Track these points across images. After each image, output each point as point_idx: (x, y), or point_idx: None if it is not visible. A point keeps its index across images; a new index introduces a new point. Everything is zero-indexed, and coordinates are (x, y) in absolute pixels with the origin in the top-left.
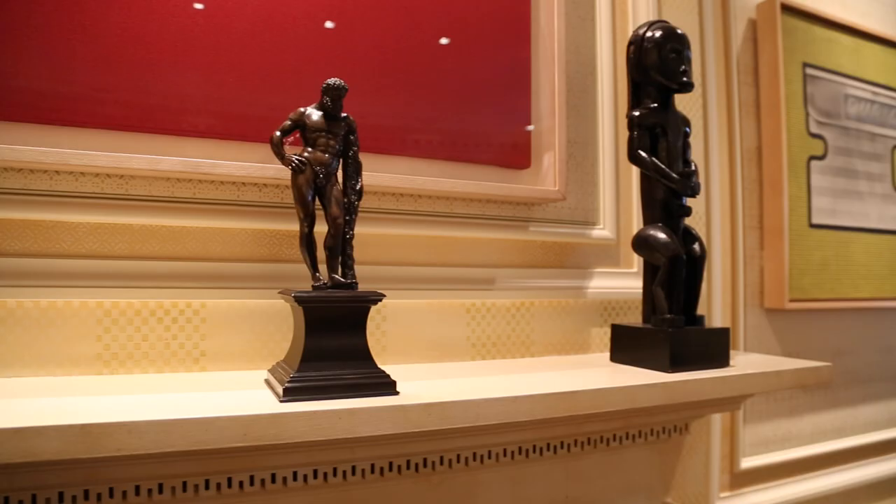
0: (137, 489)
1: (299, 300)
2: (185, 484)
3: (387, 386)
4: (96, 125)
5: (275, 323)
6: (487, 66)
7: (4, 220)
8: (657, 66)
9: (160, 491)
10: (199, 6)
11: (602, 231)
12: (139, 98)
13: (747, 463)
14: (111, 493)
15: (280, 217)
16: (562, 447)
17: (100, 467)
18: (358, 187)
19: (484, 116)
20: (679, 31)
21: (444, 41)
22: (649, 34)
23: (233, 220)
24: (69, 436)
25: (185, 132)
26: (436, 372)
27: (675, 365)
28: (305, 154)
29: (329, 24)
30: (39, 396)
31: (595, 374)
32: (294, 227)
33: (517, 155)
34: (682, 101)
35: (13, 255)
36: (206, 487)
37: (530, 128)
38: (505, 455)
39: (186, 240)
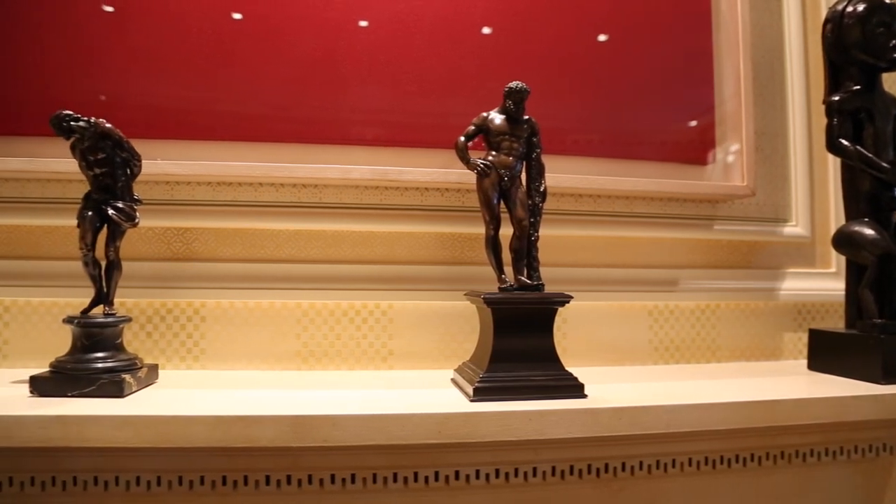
0: (333, 478)
1: (488, 301)
2: (374, 476)
3: (575, 388)
4: (289, 140)
5: (457, 324)
6: (664, 58)
7: (217, 229)
8: (860, 43)
9: (353, 481)
10: (379, 24)
11: (795, 228)
12: (328, 113)
13: None
14: (310, 479)
15: (462, 220)
16: (752, 460)
17: (302, 455)
18: (542, 189)
19: (661, 111)
20: (887, 1)
21: (615, 37)
22: (850, 9)
23: (417, 225)
24: (282, 426)
25: (370, 142)
26: (618, 375)
27: (889, 375)
28: (490, 158)
29: (493, 31)
30: (251, 388)
31: (793, 382)
32: (475, 229)
33: (699, 149)
34: (886, 80)
35: (225, 260)
36: (395, 480)
37: (708, 121)
38: (690, 465)
39: (374, 244)
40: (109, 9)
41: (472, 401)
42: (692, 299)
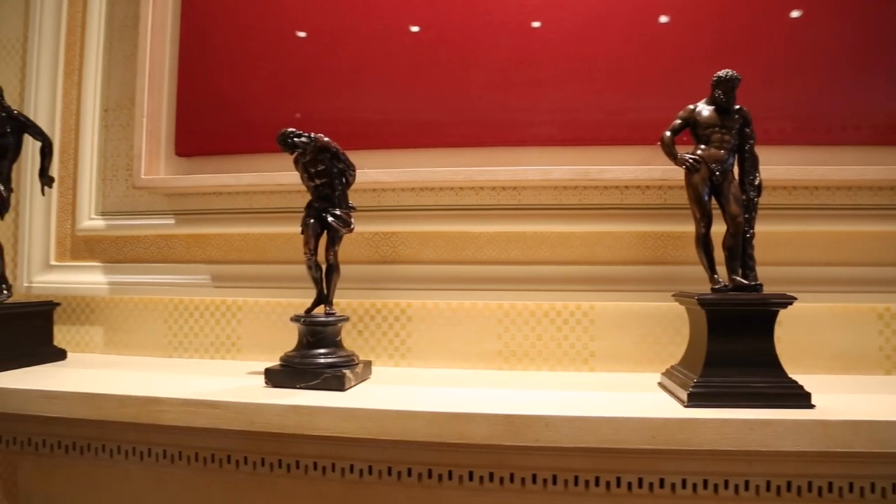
0: (535, 477)
1: (702, 303)
2: (576, 478)
3: (801, 398)
4: (487, 143)
5: (661, 325)
6: (875, 28)
7: (421, 232)
8: None
9: (554, 482)
10: (572, 23)
11: None
12: (525, 115)
13: None
14: (511, 478)
15: (664, 218)
16: None
17: (508, 454)
18: (756, 182)
19: (871, 88)
20: None
21: (812, 12)
22: None
23: (617, 224)
24: (495, 424)
25: (567, 142)
26: (845, 385)
27: None
28: (699, 151)
29: (684, 21)
30: (458, 386)
31: None
32: (678, 227)
33: None
34: None
35: (429, 262)
36: (597, 484)
37: None
38: None
39: (574, 244)
40: (302, 34)
41: (686, 406)
42: None
